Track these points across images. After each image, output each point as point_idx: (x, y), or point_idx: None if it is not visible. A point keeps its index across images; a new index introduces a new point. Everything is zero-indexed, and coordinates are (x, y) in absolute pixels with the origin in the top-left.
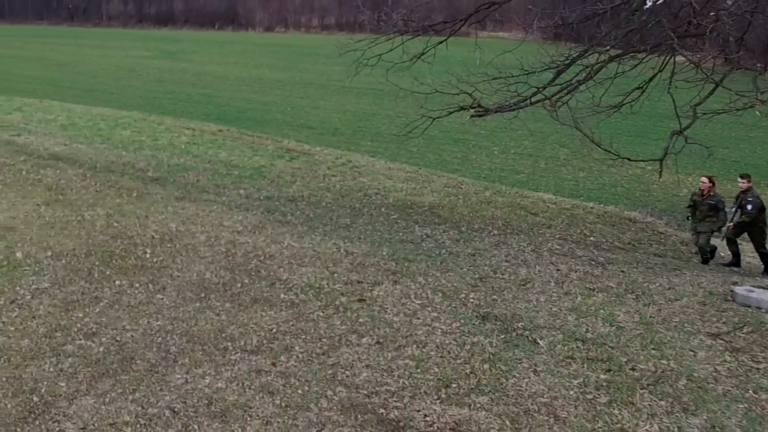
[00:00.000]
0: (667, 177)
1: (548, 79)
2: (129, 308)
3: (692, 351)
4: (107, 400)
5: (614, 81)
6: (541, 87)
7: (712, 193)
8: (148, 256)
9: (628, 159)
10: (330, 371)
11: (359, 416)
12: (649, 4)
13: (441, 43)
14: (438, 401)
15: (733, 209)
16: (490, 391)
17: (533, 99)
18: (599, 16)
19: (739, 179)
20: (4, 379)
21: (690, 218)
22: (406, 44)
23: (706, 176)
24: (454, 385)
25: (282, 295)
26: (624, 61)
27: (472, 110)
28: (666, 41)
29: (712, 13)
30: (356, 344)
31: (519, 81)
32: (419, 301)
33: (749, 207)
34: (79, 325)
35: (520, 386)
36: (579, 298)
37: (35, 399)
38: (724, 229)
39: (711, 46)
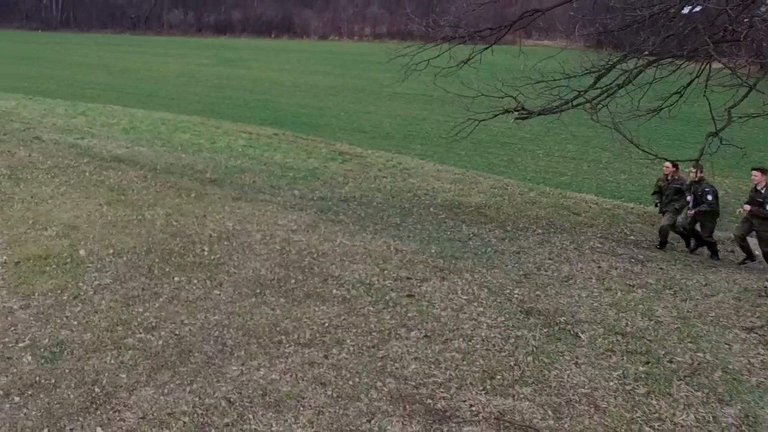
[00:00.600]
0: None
1: (589, 83)
2: (187, 303)
3: (727, 344)
4: (166, 390)
5: (652, 86)
6: (582, 91)
7: (676, 177)
8: (205, 253)
9: (666, 159)
10: (380, 363)
11: (407, 406)
12: (686, 11)
13: (486, 49)
14: (483, 392)
15: (688, 198)
16: (533, 383)
17: (574, 102)
18: (638, 23)
19: (692, 168)
20: (67, 371)
21: (657, 204)
22: (453, 50)
23: (669, 161)
24: (498, 377)
25: (334, 291)
26: (662, 67)
27: (516, 113)
28: (702, 47)
29: (746, 20)
30: (405, 338)
31: (561, 85)
32: (466, 297)
33: (709, 197)
34: (139, 319)
35: (562, 378)
36: (619, 294)
37: (97, 390)
38: (680, 219)
39: (746, 52)
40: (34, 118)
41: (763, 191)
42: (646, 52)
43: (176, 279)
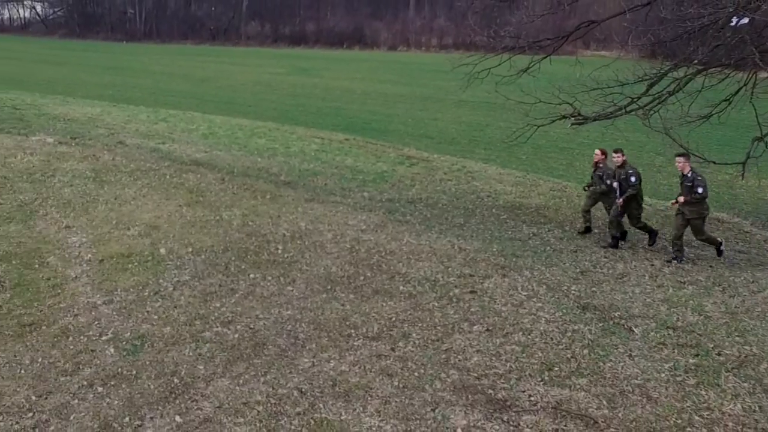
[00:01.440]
0: (753, 182)
1: (642, 90)
2: (262, 299)
3: None
4: (241, 381)
5: (702, 93)
6: (635, 98)
7: (601, 165)
8: (279, 251)
9: (714, 162)
10: (444, 356)
11: (470, 396)
12: (734, 23)
13: (545, 58)
14: (541, 383)
15: (614, 185)
16: (588, 374)
17: (628, 108)
18: (689, 34)
19: (614, 154)
20: (148, 362)
21: (585, 189)
22: (513, 60)
23: (599, 149)
24: (556, 369)
25: (401, 287)
26: (711, 75)
27: (573, 119)
28: (749, 57)
29: None
30: (468, 331)
31: (614, 92)
32: (525, 293)
33: (632, 179)
34: (216, 314)
35: (616, 369)
36: (671, 291)
37: (176, 380)
38: (613, 211)
39: None
40: (118, 124)
41: (689, 175)
42: (696, 62)
43: (252, 276)
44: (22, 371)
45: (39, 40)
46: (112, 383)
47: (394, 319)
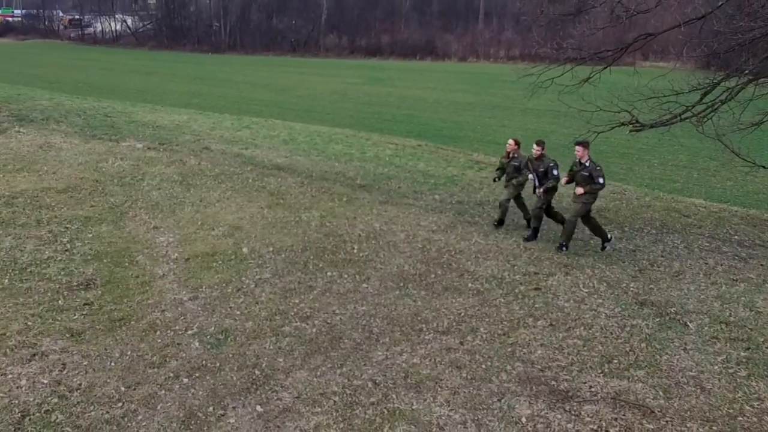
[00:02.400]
0: None
1: (696, 99)
2: (338, 295)
3: None
4: (318, 373)
5: (753, 102)
6: (690, 106)
7: (516, 155)
8: (355, 251)
9: (764, 167)
10: (509, 349)
11: (534, 387)
12: None
13: (605, 68)
14: (601, 374)
15: (530, 177)
16: (646, 366)
17: (683, 116)
18: (741, 46)
19: (534, 146)
20: (230, 355)
21: (495, 180)
22: (575, 70)
23: (512, 139)
24: (615, 361)
25: (469, 285)
26: (761, 84)
27: (631, 126)
28: None
29: None
30: (532, 326)
31: (670, 101)
32: (587, 290)
33: (555, 171)
34: (295, 309)
35: (672, 362)
36: (724, 288)
37: (257, 372)
38: (535, 202)
39: None
40: (203, 131)
41: (588, 165)
42: (747, 72)
43: (329, 274)
44: (113, 363)
45: (130, 52)
46: (197, 375)
47: (462, 314)
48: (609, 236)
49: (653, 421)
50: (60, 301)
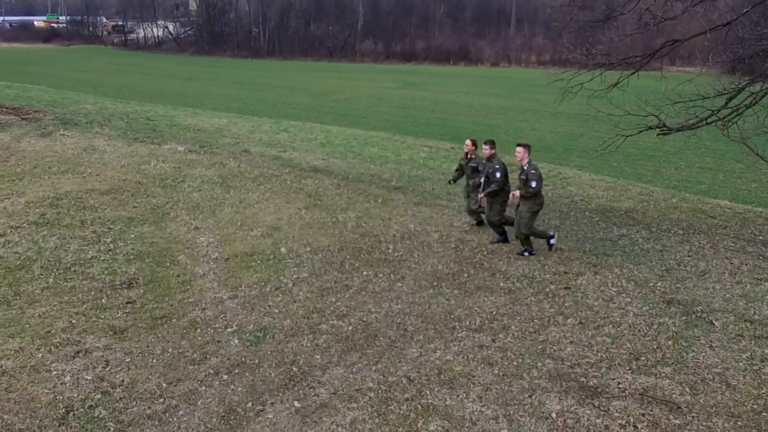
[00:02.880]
0: None
1: (721, 103)
2: (374, 294)
3: None
4: (354, 369)
5: None
6: (715, 110)
7: (473, 156)
8: (390, 251)
9: None
10: (540, 346)
11: (564, 383)
12: None
13: (633, 74)
14: (630, 371)
15: (481, 180)
16: (672, 363)
17: (708, 120)
18: (765, 52)
19: (483, 145)
20: (269, 352)
21: (451, 182)
22: (603, 75)
23: (470, 139)
24: (643, 358)
25: (501, 284)
26: None
27: (659, 129)
28: None
29: None
30: (562, 324)
31: (696, 105)
32: (615, 289)
33: (497, 174)
34: (332, 308)
35: (698, 359)
36: (749, 287)
37: (294, 369)
38: (474, 205)
39: None
40: (243, 134)
41: (525, 168)
42: None
43: (364, 273)
44: (154, 360)
45: (171, 57)
46: (237, 371)
47: (494, 312)
48: (533, 251)
49: (680, 417)
50: (103, 300)
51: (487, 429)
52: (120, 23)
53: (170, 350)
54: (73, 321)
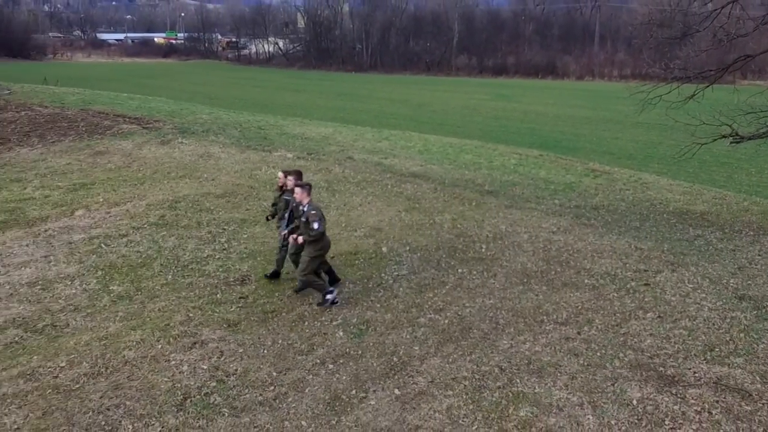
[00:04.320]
0: None
1: None
2: (468, 290)
3: None
4: (450, 360)
5: None
6: None
7: (285, 189)
8: (483, 250)
9: None
10: (621, 338)
11: (643, 373)
12: None
13: (707, 87)
14: (704, 361)
15: (286, 215)
16: (744, 354)
17: None
18: None
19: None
20: (371, 344)
21: (268, 218)
22: (681, 88)
23: (282, 171)
24: (716, 349)
25: (585, 280)
26: None
27: (731, 138)
28: None
29: None
30: (642, 318)
31: (767, 115)
32: (691, 285)
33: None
34: (429, 303)
35: None
36: None
37: (395, 359)
38: (282, 245)
39: None
40: (347, 142)
41: (305, 209)
42: None
43: (459, 270)
44: (265, 351)
45: (281, 71)
46: (341, 361)
47: (579, 307)
48: (329, 297)
49: (751, 404)
50: (218, 295)
51: (573, 415)
52: (234, 40)
53: (280, 341)
54: (191, 314)
